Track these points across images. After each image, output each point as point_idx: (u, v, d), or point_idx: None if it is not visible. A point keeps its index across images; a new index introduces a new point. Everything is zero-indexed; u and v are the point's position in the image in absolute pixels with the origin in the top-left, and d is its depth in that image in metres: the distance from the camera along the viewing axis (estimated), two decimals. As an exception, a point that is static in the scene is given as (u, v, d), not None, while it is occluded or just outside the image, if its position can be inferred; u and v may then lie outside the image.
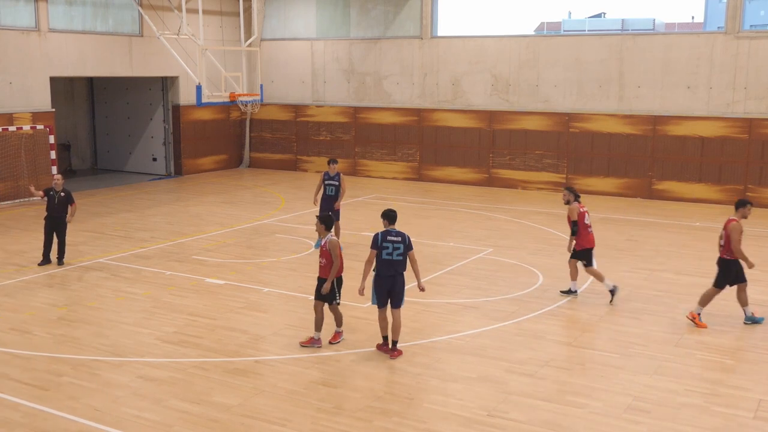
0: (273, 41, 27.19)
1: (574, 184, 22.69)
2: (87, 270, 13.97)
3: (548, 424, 8.06)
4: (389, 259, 9.41)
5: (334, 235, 9.95)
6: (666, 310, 11.87)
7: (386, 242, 9.42)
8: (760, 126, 20.37)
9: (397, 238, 9.47)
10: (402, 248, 9.46)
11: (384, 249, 9.41)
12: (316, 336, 10.15)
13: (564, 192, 12.85)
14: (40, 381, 9.08)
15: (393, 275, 9.53)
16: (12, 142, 20.44)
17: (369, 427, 7.99)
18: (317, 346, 10.09)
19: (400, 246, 9.44)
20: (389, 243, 9.42)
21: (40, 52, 21.33)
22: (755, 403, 8.59)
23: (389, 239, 9.45)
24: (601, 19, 64.45)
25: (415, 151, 25.04)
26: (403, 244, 9.46)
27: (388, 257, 9.40)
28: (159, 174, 26.14)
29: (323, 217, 9.96)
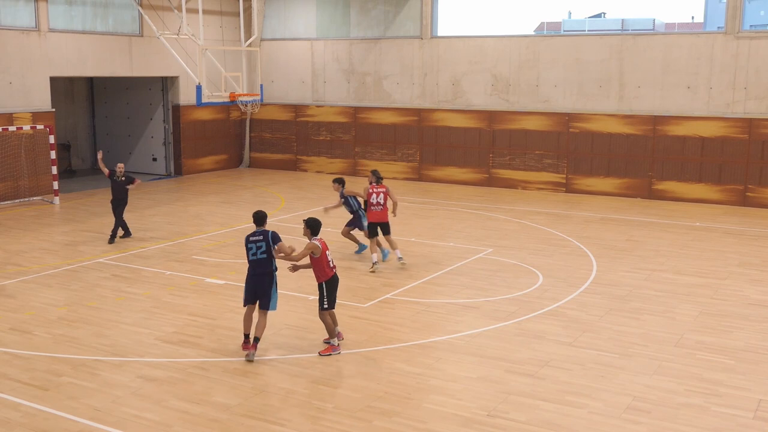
0: (273, 41, 27.19)
1: (574, 184, 22.70)
2: (87, 270, 13.97)
3: (548, 424, 8.06)
4: (254, 259, 9.75)
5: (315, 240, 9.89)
6: (666, 310, 11.87)
7: (249, 243, 9.79)
8: (760, 126, 20.37)
9: (259, 237, 9.75)
10: (264, 246, 9.71)
11: (249, 250, 9.77)
12: (333, 342, 10.09)
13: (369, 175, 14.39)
14: (40, 381, 9.09)
15: (258, 274, 9.77)
16: (12, 142, 20.44)
17: (369, 427, 7.99)
18: (335, 353, 9.96)
19: (262, 244, 9.71)
20: (252, 244, 9.77)
21: (40, 52, 21.34)
22: (755, 403, 8.59)
23: (252, 240, 9.79)
24: (601, 19, 64.44)
25: (415, 151, 25.05)
26: (264, 242, 9.71)
27: (254, 257, 9.75)
28: (159, 174, 26.14)
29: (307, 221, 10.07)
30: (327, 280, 9.95)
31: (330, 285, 9.98)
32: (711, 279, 13.67)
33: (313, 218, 10.09)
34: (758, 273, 14.07)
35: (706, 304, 12.16)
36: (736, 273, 14.03)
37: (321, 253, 9.80)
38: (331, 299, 9.98)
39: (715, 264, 14.70)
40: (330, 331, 10.06)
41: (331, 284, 10.00)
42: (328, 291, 9.95)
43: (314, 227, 9.98)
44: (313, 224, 9.99)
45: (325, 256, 9.88)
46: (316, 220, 10.06)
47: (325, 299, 9.94)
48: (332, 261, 10.09)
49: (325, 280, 9.93)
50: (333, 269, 10.04)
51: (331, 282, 9.99)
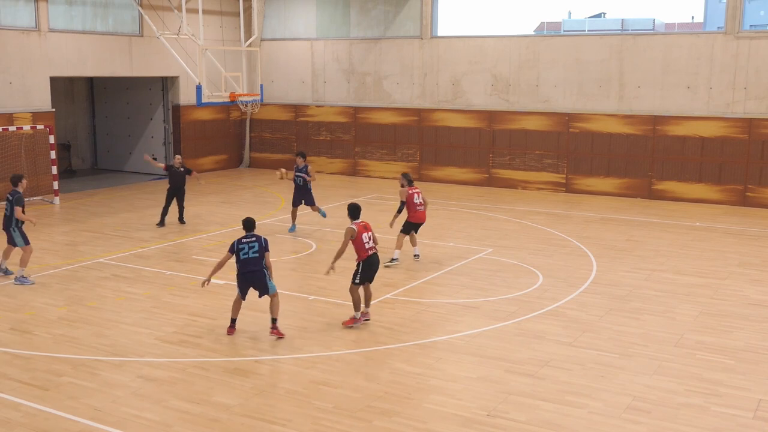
0: (273, 41, 27.20)
1: (574, 184, 22.71)
2: (87, 270, 13.97)
3: (548, 424, 8.06)
4: (246, 258, 10.38)
5: (352, 224, 10.90)
6: (666, 310, 11.87)
7: (241, 245, 10.43)
8: (760, 126, 20.37)
9: (252, 239, 10.47)
10: (257, 246, 10.45)
11: (240, 251, 10.39)
12: (356, 316, 10.99)
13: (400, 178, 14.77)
14: (40, 381, 9.09)
15: (251, 271, 10.43)
16: (12, 142, 20.44)
17: (369, 427, 7.99)
18: (357, 325, 10.94)
19: (255, 245, 10.43)
20: (244, 245, 10.43)
21: (40, 52, 21.34)
22: (755, 403, 8.60)
23: (244, 242, 10.45)
24: (601, 19, 64.43)
25: (415, 151, 25.05)
26: (257, 243, 10.45)
27: (245, 256, 10.38)
28: (159, 174, 26.12)
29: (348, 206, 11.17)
30: (363, 260, 10.81)
31: (365, 264, 10.81)
32: (711, 279, 13.67)
33: (352, 203, 11.14)
34: (758, 273, 14.08)
35: (706, 304, 12.16)
36: (736, 273, 14.03)
37: (357, 235, 10.72)
38: (363, 277, 10.84)
39: (715, 264, 14.70)
40: (355, 304, 10.89)
41: (367, 264, 10.81)
42: (363, 270, 10.81)
43: (352, 211, 11.03)
44: (351, 209, 11.05)
45: (360, 238, 10.74)
46: (354, 205, 11.08)
47: (357, 276, 10.83)
48: (370, 242, 10.87)
49: (361, 260, 10.81)
50: (370, 251, 10.82)
51: (366, 262, 10.81)
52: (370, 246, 10.87)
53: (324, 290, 12.79)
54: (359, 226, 10.85)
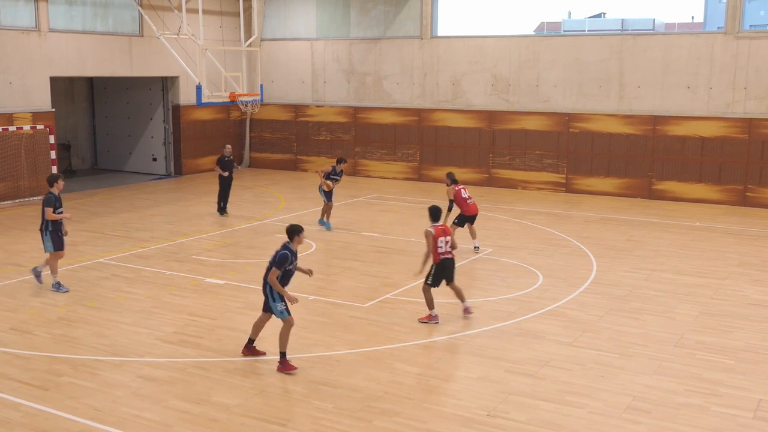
0: (273, 41, 27.20)
1: (574, 184, 22.71)
2: (87, 270, 13.97)
3: (548, 424, 8.06)
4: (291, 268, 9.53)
5: (431, 228, 10.99)
6: (666, 310, 11.87)
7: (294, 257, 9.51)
8: (760, 126, 20.37)
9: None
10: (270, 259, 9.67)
11: (291, 263, 9.47)
12: (432, 313, 11.11)
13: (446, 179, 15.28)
14: (40, 381, 9.09)
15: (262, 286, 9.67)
16: (12, 142, 20.44)
17: (369, 427, 7.99)
18: (434, 323, 11.03)
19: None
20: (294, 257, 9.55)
21: (40, 52, 21.34)
22: (755, 403, 8.59)
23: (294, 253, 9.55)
24: (601, 19, 64.43)
25: (415, 151, 25.05)
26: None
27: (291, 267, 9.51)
28: (159, 174, 26.15)
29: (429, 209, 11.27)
30: (437, 263, 11.00)
31: (438, 267, 11.00)
32: (711, 279, 13.67)
33: (433, 206, 11.26)
34: (758, 273, 14.08)
35: (706, 304, 12.16)
36: (736, 273, 14.03)
37: (432, 238, 10.88)
38: (436, 279, 11.03)
39: (715, 264, 14.70)
40: (428, 303, 11.10)
41: (440, 267, 11.00)
42: (435, 272, 11.03)
43: (433, 214, 11.15)
44: (432, 212, 11.18)
45: (435, 241, 10.89)
46: (435, 208, 11.19)
47: (430, 277, 11.07)
48: (446, 247, 11.00)
49: (435, 263, 11.01)
50: (443, 254, 10.98)
51: (440, 265, 11.00)
52: (444, 250, 10.97)
53: (324, 290, 12.79)
54: (437, 229, 10.97)
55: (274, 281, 9.27)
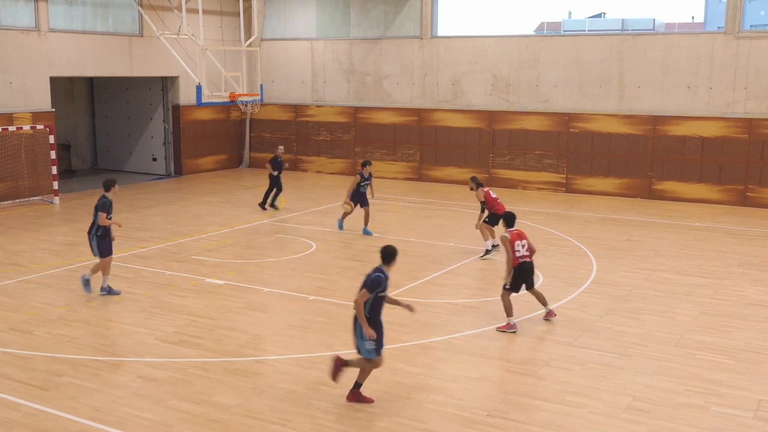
0: (273, 41, 27.19)
1: (574, 184, 22.70)
2: (87, 270, 13.95)
3: (548, 424, 8.06)
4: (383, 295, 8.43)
5: (506, 233, 10.97)
6: (666, 310, 11.87)
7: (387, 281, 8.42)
8: (760, 126, 20.37)
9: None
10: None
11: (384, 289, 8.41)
12: (510, 321, 10.90)
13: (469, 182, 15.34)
14: (40, 381, 9.09)
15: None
16: (12, 142, 20.44)
17: (369, 427, 7.99)
18: (512, 331, 10.78)
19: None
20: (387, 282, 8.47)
21: (40, 52, 21.33)
22: (755, 403, 8.59)
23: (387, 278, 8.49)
24: (601, 19, 64.44)
25: (415, 151, 25.04)
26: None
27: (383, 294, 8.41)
28: (159, 174, 26.14)
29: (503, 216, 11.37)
30: (515, 267, 10.88)
31: (517, 271, 10.88)
32: (711, 279, 13.67)
33: (508, 212, 11.34)
34: (758, 273, 14.07)
35: (706, 304, 12.16)
36: (736, 273, 14.03)
37: (508, 243, 10.85)
38: (514, 284, 10.90)
39: (715, 264, 14.70)
40: (507, 310, 10.89)
41: (519, 270, 10.88)
42: (514, 276, 10.90)
43: (507, 220, 11.19)
44: (507, 218, 11.22)
45: (512, 246, 10.85)
46: (509, 214, 11.26)
47: (508, 282, 10.91)
48: (523, 250, 10.92)
49: (514, 267, 10.89)
50: (521, 258, 10.89)
51: (518, 269, 10.88)
52: (522, 254, 10.89)
53: (324, 290, 12.79)
54: (513, 234, 10.96)
55: (359, 304, 8.18)
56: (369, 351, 8.34)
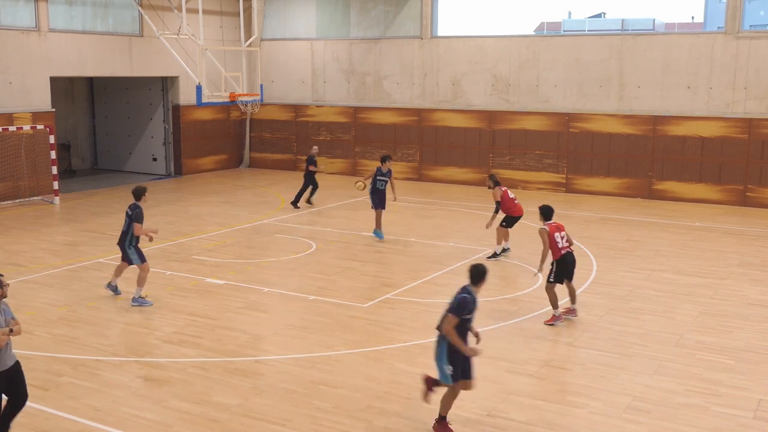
0: (273, 41, 27.19)
1: (574, 184, 22.70)
2: (87, 270, 13.97)
3: (548, 424, 8.06)
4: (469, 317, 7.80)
5: (545, 225, 11.00)
6: (666, 310, 11.87)
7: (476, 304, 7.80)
8: (759, 126, 20.37)
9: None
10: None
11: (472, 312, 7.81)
12: (556, 313, 11.01)
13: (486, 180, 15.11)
14: (40, 381, 9.08)
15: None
16: (12, 142, 20.44)
17: (369, 427, 7.99)
18: (560, 323, 10.95)
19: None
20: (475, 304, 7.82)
21: (40, 52, 21.33)
22: (755, 403, 8.59)
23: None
24: (601, 19, 64.40)
25: (415, 151, 25.04)
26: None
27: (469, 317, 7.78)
28: (159, 174, 26.14)
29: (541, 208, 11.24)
30: (557, 260, 10.96)
31: (560, 263, 10.96)
32: (711, 279, 13.67)
33: (545, 205, 11.24)
34: (758, 273, 14.07)
35: (706, 304, 12.16)
36: (736, 273, 14.03)
37: (548, 235, 10.88)
38: (558, 276, 10.98)
39: (715, 264, 14.69)
40: (552, 302, 11.00)
41: (561, 263, 10.96)
42: (557, 268, 10.98)
43: (545, 213, 11.15)
44: (544, 211, 11.17)
45: (552, 237, 10.90)
46: (546, 207, 11.19)
47: (552, 275, 11.00)
48: (564, 241, 10.99)
49: (556, 259, 10.97)
50: (563, 249, 10.94)
51: (561, 261, 10.95)
52: (563, 245, 10.95)
53: (324, 290, 12.79)
54: (551, 226, 10.99)
55: (450, 332, 7.54)
56: (447, 377, 7.69)
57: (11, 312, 7.32)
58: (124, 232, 11.96)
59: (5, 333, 7.10)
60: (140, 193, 12.01)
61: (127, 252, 11.97)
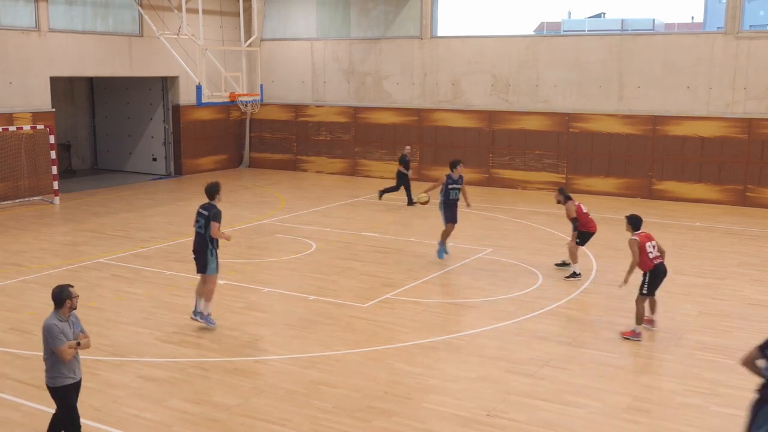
0: (273, 41, 27.20)
1: (574, 184, 22.70)
2: (87, 270, 13.97)
3: (548, 424, 8.06)
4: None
5: (633, 236, 10.60)
6: (665, 310, 11.86)
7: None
8: (759, 126, 20.37)
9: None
10: None
11: None
12: (637, 329, 10.57)
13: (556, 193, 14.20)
14: (40, 381, 9.05)
15: None
16: (12, 142, 20.44)
17: (368, 427, 8.00)
18: (638, 340, 10.45)
19: None
20: None
21: (40, 52, 21.34)
22: (755, 403, 8.58)
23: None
24: (601, 19, 64.40)
25: (415, 151, 25.02)
26: None
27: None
28: (159, 174, 26.15)
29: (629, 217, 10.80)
30: (650, 270, 10.55)
31: (652, 274, 10.56)
32: (711, 279, 13.67)
33: (633, 215, 10.82)
34: (758, 273, 14.08)
35: (705, 304, 12.16)
36: (736, 273, 14.03)
37: (638, 246, 10.48)
38: (651, 287, 10.58)
39: (714, 264, 14.70)
40: (638, 317, 10.57)
41: (654, 273, 10.56)
42: (650, 279, 10.58)
43: (634, 223, 10.73)
44: (633, 221, 10.75)
45: (644, 248, 10.50)
46: (635, 216, 10.78)
47: (645, 286, 10.60)
48: (655, 251, 10.60)
49: (647, 270, 10.56)
50: (655, 259, 10.56)
51: (653, 271, 10.55)
52: (654, 255, 10.55)
53: (324, 290, 12.79)
54: (641, 236, 10.59)
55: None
56: None
57: (81, 325, 7.20)
58: (201, 236, 10.57)
59: (72, 346, 6.98)
60: (214, 191, 10.68)
61: (207, 259, 10.53)
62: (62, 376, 6.99)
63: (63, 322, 6.95)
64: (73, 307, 7.03)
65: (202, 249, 10.58)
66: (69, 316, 7.03)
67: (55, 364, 6.96)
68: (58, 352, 6.86)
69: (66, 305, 6.96)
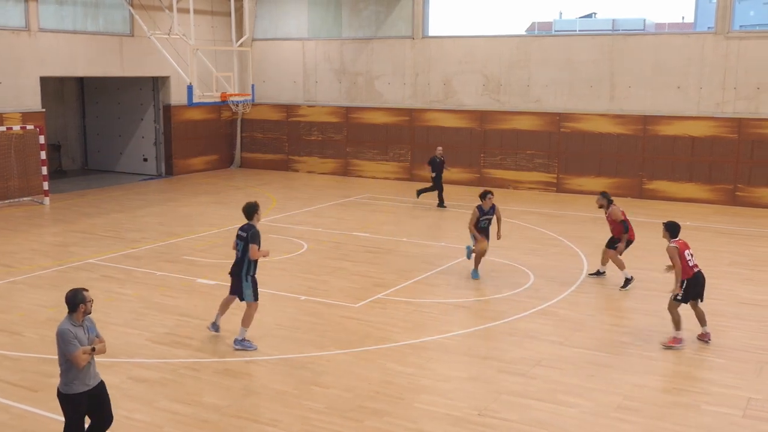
0: (264, 41, 27.15)
1: (565, 183, 22.75)
2: (77, 271, 13.91)
3: (539, 424, 8.07)
4: None
5: (671, 243, 10.37)
6: (656, 309, 11.89)
7: None
8: (749, 126, 20.46)
9: None
10: None
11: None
12: (678, 335, 10.36)
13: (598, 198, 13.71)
14: (29, 382, 9.04)
15: None
16: (2, 142, 20.33)
17: (360, 427, 7.99)
18: (678, 347, 10.23)
19: None
20: None
21: (31, 52, 21.24)
22: (744, 402, 8.62)
23: None
24: (592, 19, 64.50)
25: (406, 151, 25.04)
26: None
27: None
28: (150, 174, 26.07)
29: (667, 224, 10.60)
30: (690, 278, 10.34)
31: (690, 282, 10.33)
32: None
33: (671, 222, 10.58)
34: (749, 272, 14.13)
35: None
36: (727, 272, 14.08)
37: (677, 253, 10.26)
38: (686, 295, 10.34)
39: (706, 263, 14.70)
40: (675, 323, 10.39)
41: (693, 281, 10.35)
42: (687, 287, 10.34)
43: (672, 230, 10.50)
44: (671, 228, 10.52)
45: (683, 256, 10.29)
46: (673, 224, 10.53)
47: (681, 293, 10.34)
48: (693, 259, 10.42)
49: (687, 278, 10.33)
50: (694, 267, 10.38)
51: (693, 279, 10.34)
52: (693, 263, 10.35)
53: (315, 290, 12.77)
54: (680, 243, 10.36)
55: None
56: None
57: (96, 329, 6.95)
58: (240, 259, 10.13)
59: (87, 351, 6.73)
60: (252, 211, 10.17)
61: (242, 285, 10.15)
62: (76, 383, 6.74)
63: (77, 326, 6.72)
64: (87, 311, 6.77)
65: (237, 273, 10.23)
66: (83, 321, 6.85)
67: (69, 370, 6.70)
68: (71, 358, 6.61)
69: (80, 309, 6.72)
